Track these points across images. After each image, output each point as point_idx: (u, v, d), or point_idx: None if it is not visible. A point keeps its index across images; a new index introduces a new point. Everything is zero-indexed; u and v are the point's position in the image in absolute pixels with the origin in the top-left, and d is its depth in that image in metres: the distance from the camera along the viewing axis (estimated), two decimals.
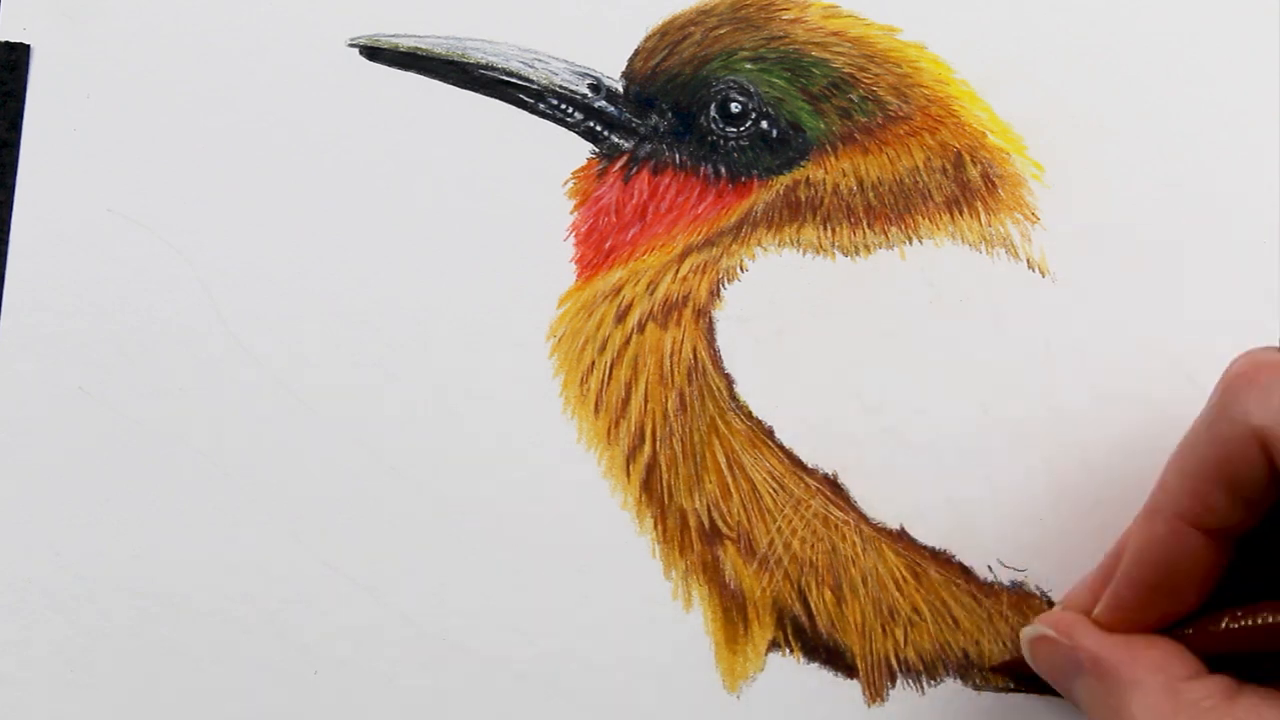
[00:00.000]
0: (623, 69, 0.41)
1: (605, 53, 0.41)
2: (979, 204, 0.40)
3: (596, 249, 0.40)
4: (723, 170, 0.40)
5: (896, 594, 0.38)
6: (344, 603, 0.39)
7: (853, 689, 0.38)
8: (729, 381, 0.39)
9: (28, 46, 0.41)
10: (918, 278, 0.40)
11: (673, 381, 0.39)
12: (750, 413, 0.39)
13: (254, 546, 0.39)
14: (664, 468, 0.39)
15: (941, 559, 0.38)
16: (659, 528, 0.39)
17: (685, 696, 0.38)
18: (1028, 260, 0.40)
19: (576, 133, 0.41)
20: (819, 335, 0.40)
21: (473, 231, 0.40)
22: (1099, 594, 0.35)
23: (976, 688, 0.38)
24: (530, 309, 0.40)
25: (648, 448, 0.39)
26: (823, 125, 0.40)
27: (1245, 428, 0.30)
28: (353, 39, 0.42)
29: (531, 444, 0.39)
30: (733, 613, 0.38)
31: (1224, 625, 0.32)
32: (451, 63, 0.41)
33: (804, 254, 0.40)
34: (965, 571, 0.38)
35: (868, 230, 0.40)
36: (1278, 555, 0.33)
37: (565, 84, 0.41)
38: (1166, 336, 0.39)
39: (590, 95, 0.41)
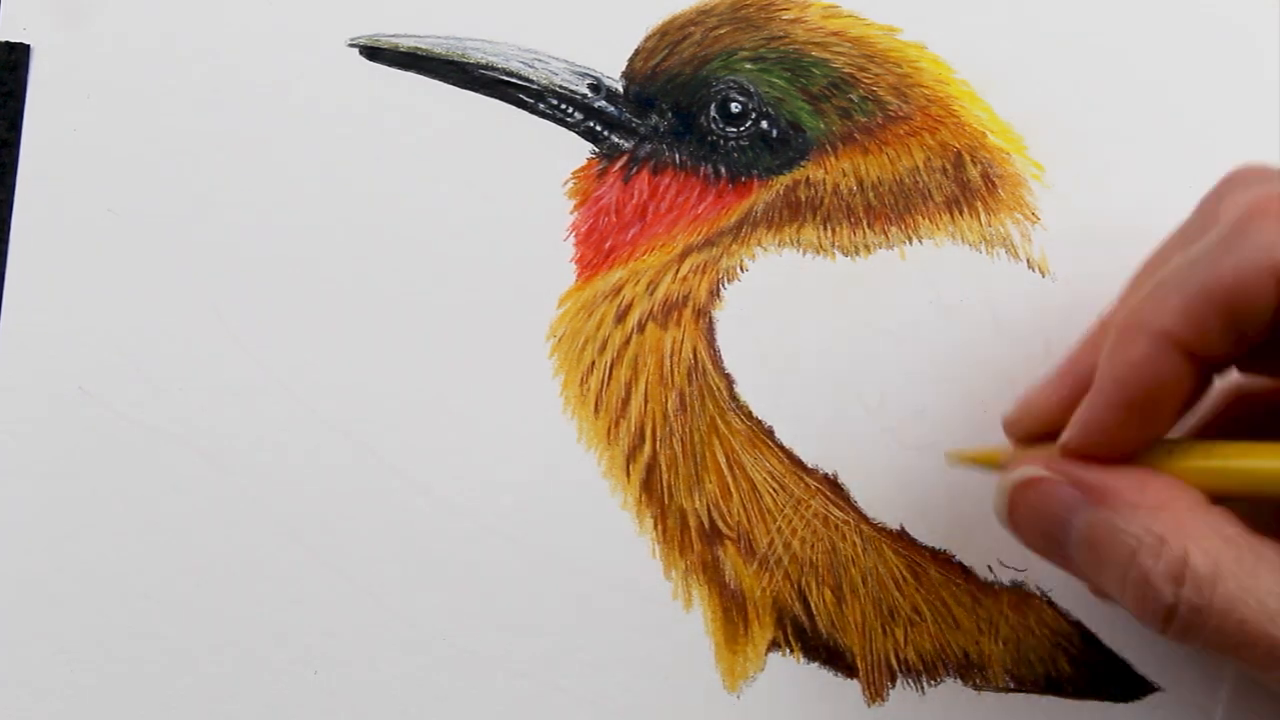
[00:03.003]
0: (623, 69, 0.41)
1: (605, 53, 0.41)
2: (979, 204, 0.40)
3: (596, 249, 0.40)
4: (723, 170, 0.40)
5: (896, 594, 0.38)
6: (344, 603, 0.39)
7: (853, 689, 0.38)
8: (729, 381, 0.39)
9: (28, 46, 0.41)
10: (918, 278, 0.40)
11: (673, 381, 0.39)
12: (750, 413, 0.39)
13: (254, 546, 0.39)
14: (664, 468, 0.39)
15: (941, 559, 0.38)
16: (659, 528, 0.39)
17: (685, 696, 0.38)
18: (1028, 260, 0.40)
19: (576, 133, 0.41)
20: (819, 335, 0.40)
21: (473, 231, 0.40)
22: (1055, 415, 0.32)
23: (976, 688, 0.38)
24: (530, 309, 0.40)
25: (648, 448, 0.39)
26: (823, 125, 0.40)
27: (1265, 261, 0.28)
28: (353, 39, 0.42)
29: (531, 444, 0.39)
30: (733, 613, 0.38)
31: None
32: (451, 63, 0.41)
33: (804, 254, 0.40)
34: (965, 571, 0.38)
35: (868, 230, 0.40)
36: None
37: (565, 84, 0.41)
38: None
39: (590, 95, 0.41)
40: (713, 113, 0.40)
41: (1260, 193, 0.29)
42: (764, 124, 0.40)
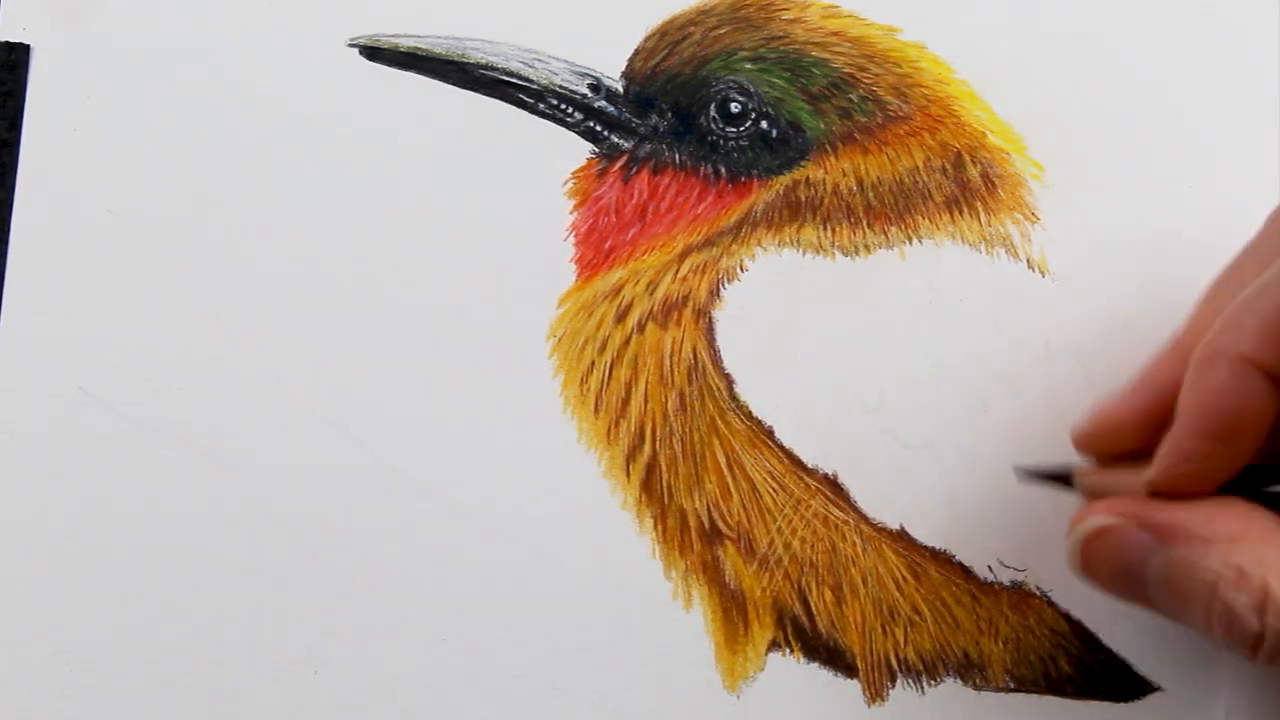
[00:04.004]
0: (623, 69, 0.41)
1: (605, 53, 0.41)
2: (979, 204, 0.40)
3: (596, 249, 0.40)
4: (723, 170, 0.40)
5: (897, 594, 0.38)
6: (344, 602, 0.39)
7: (853, 689, 0.38)
8: (729, 381, 0.39)
9: (28, 46, 0.41)
10: (918, 278, 0.40)
11: (673, 381, 0.39)
12: (750, 413, 0.39)
13: (254, 546, 0.39)
14: (664, 468, 0.39)
15: (941, 559, 0.38)
16: (659, 528, 0.39)
17: (685, 696, 0.38)
18: (1028, 260, 0.40)
19: (576, 133, 0.41)
20: (819, 335, 0.40)
21: (473, 231, 0.40)
22: (1127, 430, 0.32)
23: (976, 688, 0.38)
24: (530, 309, 0.40)
25: (648, 448, 0.39)
26: (823, 125, 0.40)
27: None
28: (353, 39, 0.42)
29: (531, 444, 0.39)
30: (733, 613, 0.38)
31: None
32: (451, 63, 0.41)
33: (804, 254, 0.40)
34: (965, 571, 0.38)
35: (868, 230, 0.40)
36: None
37: (565, 84, 0.41)
38: (1166, 336, 0.39)
39: (590, 95, 0.41)
40: (713, 113, 0.40)
41: None
42: (764, 124, 0.40)
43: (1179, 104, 0.41)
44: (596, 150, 0.41)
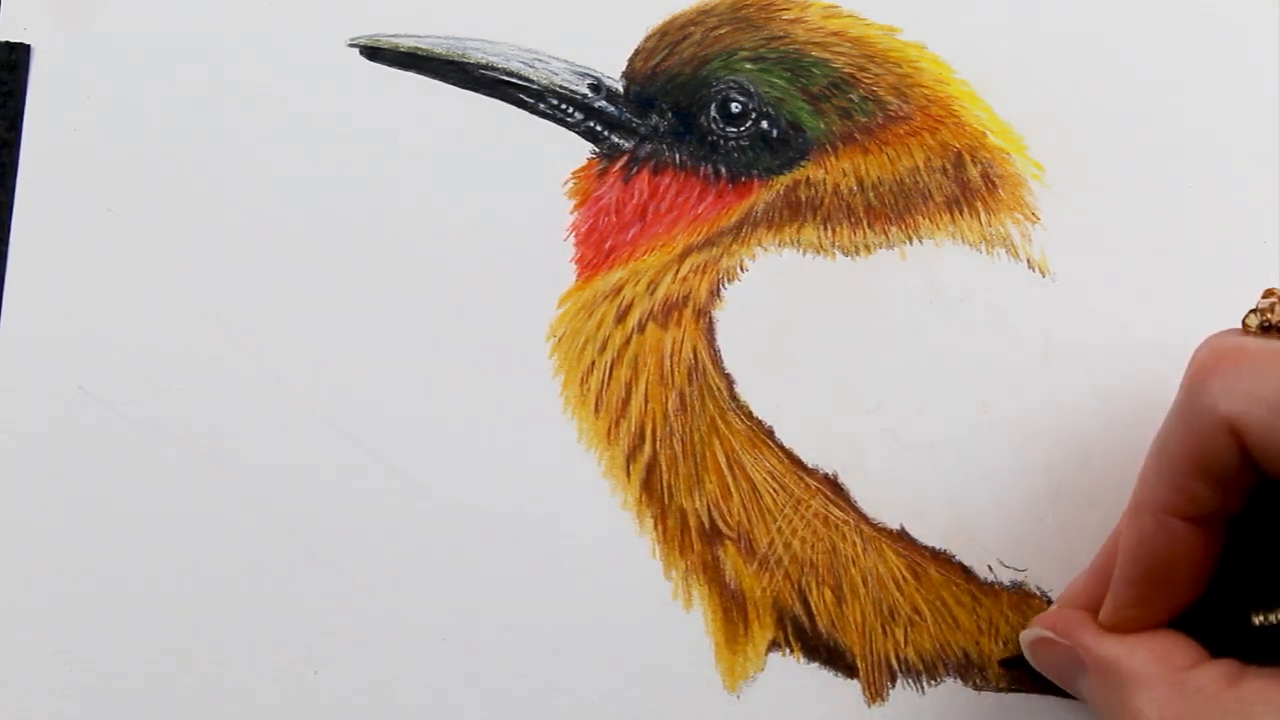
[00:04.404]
0: (623, 69, 0.41)
1: (605, 53, 0.41)
2: (979, 204, 0.40)
3: (596, 249, 0.40)
4: (723, 170, 0.40)
5: (897, 594, 0.38)
6: (344, 602, 0.39)
7: (853, 689, 0.38)
8: (729, 381, 0.39)
9: (28, 46, 0.41)
10: (918, 278, 0.40)
11: (673, 381, 0.39)
12: (750, 413, 0.39)
13: (254, 546, 0.39)
14: (664, 468, 0.39)
15: (941, 559, 0.38)
16: (659, 528, 0.39)
17: (685, 696, 0.38)
18: (1028, 260, 0.40)
19: (576, 133, 0.41)
20: (819, 335, 0.40)
21: (473, 231, 0.40)
22: (1094, 591, 0.35)
23: (976, 688, 0.38)
24: (530, 309, 0.40)
25: (648, 448, 0.39)
26: (823, 125, 0.40)
27: (1214, 416, 0.30)
28: (353, 39, 0.42)
29: (531, 444, 0.39)
30: (733, 613, 0.38)
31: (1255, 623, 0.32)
32: (451, 63, 0.41)
33: (804, 254, 0.40)
34: (965, 571, 0.38)
35: (868, 230, 0.40)
36: (1268, 533, 0.33)
37: (565, 84, 0.41)
38: (1166, 336, 0.39)
39: (590, 95, 0.41)
40: (713, 113, 0.40)
41: (1209, 348, 0.31)
42: (764, 124, 0.40)
43: (1179, 104, 0.41)
44: (597, 150, 0.41)
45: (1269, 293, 0.33)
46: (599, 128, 0.41)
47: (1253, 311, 0.32)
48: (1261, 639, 0.32)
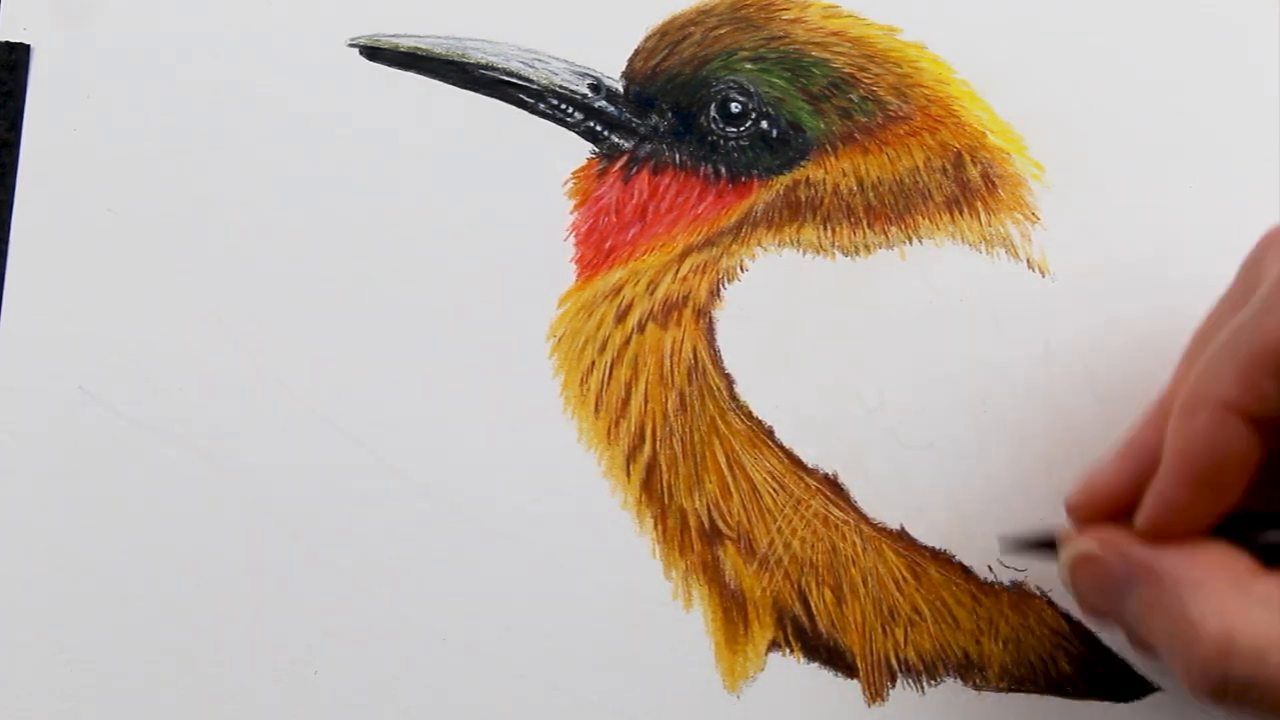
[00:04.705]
0: (623, 69, 0.41)
1: (605, 53, 0.41)
2: (979, 204, 0.40)
3: (596, 249, 0.40)
4: (723, 170, 0.40)
5: (897, 594, 0.38)
6: (344, 603, 0.39)
7: (853, 689, 0.38)
8: (729, 381, 0.39)
9: (28, 46, 0.41)
10: (918, 278, 0.40)
11: (673, 381, 0.39)
12: (750, 413, 0.39)
13: (253, 546, 0.39)
14: (664, 468, 0.39)
15: (941, 559, 0.38)
16: (659, 528, 0.39)
17: (685, 696, 0.38)
18: (1028, 260, 0.40)
19: (576, 133, 0.41)
20: (819, 335, 0.40)
21: (473, 231, 0.40)
22: (1120, 495, 0.33)
23: (976, 688, 0.38)
24: (530, 309, 0.40)
25: (648, 448, 0.39)
26: (823, 125, 0.40)
27: None
28: (353, 39, 0.42)
29: (531, 444, 0.39)
30: (733, 613, 0.38)
31: None
32: (451, 63, 0.41)
33: (804, 254, 0.40)
34: (965, 571, 0.38)
35: (868, 230, 0.40)
36: None
37: (565, 84, 0.41)
38: (1166, 336, 0.39)
39: (590, 95, 0.41)
40: (713, 113, 0.40)
41: (1269, 234, 0.30)
42: (764, 124, 0.40)
43: (1179, 104, 0.41)
44: (597, 150, 0.41)
45: None
46: (599, 128, 0.41)
47: None
48: None
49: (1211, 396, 0.30)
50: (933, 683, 0.38)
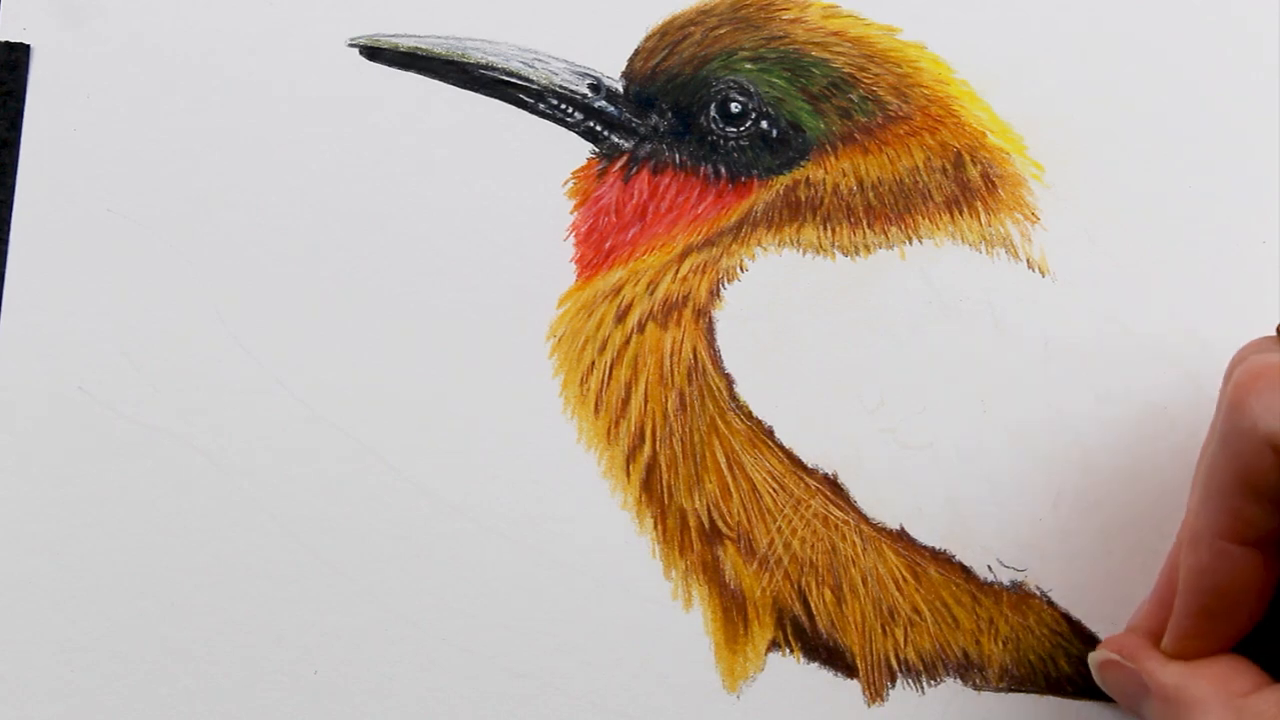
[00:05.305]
0: (623, 69, 0.41)
1: (605, 53, 0.41)
2: (979, 204, 0.40)
3: (596, 249, 0.40)
4: (723, 170, 0.40)
5: (896, 594, 0.38)
6: (344, 603, 0.39)
7: (853, 689, 0.38)
8: (729, 381, 0.39)
9: (28, 46, 0.41)
10: (918, 278, 0.40)
11: (673, 381, 0.39)
12: (750, 413, 0.39)
13: (254, 546, 0.39)
14: (664, 468, 0.39)
15: (941, 559, 0.38)
16: (659, 528, 0.39)
17: (685, 696, 0.38)
18: (1028, 260, 0.40)
19: (576, 133, 0.41)
20: (819, 335, 0.40)
21: (473, 231, 0.40)
22: (1158, 616, 0.35)
23: (976, 688, 0.38)
24: (530, 309, 0.40)
25: (648, 448, 0.39)
26: (823, 125, 0.40)
27: (1256, 437, 0.30)
28: (353, 39, 0.42)
29: (531, 444, 0.39)
30: (733, 613, 0.38)
31: None
32: (451, 63, 0.41)
33: (804, 254, 0.40)
34: (965, 571, 0.38)
35: (868, 230, 0.40)
36: None
37: (565, 84, 0.41)
38: (1166, 336, 0.39)
39: (590, 95, 0.41)
40: (713, 113, 0.40)
41: (1245, 368, 0.31)
42: (764, 124, 0.40)
43: (1179, 104, 0.41)
44: (596, 150, 0.41)
45: None
46: (599, 128, 0.41)
47: None
48: None
49: (1205, 531, 0.32)
50: (932, 683, 0.38)
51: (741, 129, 0.40)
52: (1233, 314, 0.39)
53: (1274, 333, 0.32)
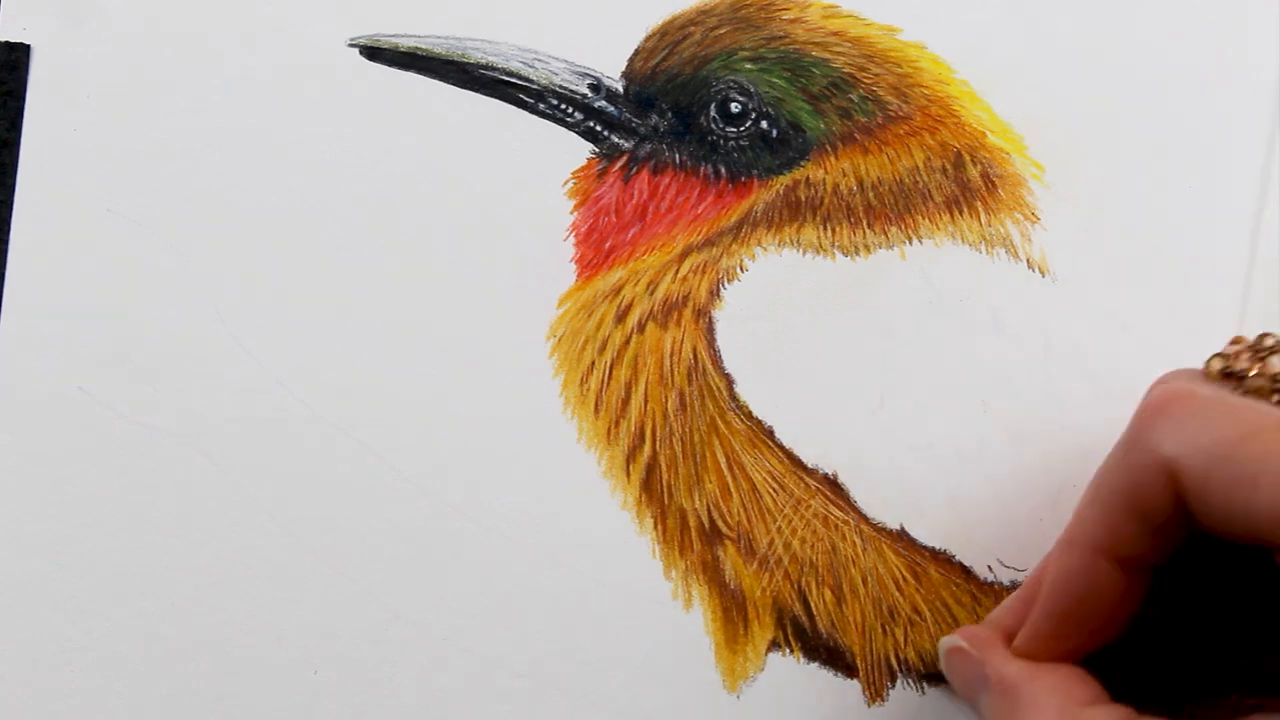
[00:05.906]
0: (623, 69, 0.41)
1: (605, 53, 0.41)
2: (979, 204, 0.40)
3: (596, 249, 0.40)
4: (723, 170, 0.40)
5: (896, 594, 0.38)
6: (344, 603, 0.39)
7: (853, 689, 0.38)
8: (729, 381, 0.39)
9: (28, 46, 0.41)
10: (918, 278, 0.40)
11: (673, 381, 0.39)
12: (750, 413, 0.39)
13: (254, 546, 0.39)
14: (664, 468, 0.39)
15: (941, 559, 0.38)
16: (659, 528, 0.39)
17: (685, 696, 0.38)
18: (1028, 260, 0.40)
19: (576, 133, 0.41)
20: (819, 335, 0.40)
21: (473, 231, 0.40)
22: (1019, 614, 0.35)
23: None
24: (530, 309, 0.40)
25: (648, 448, 0.39)
26: (823, 125, 0.40)
27: (1155, 458, 0.30)
28: (353, 39, 0.42)
29: (531, 444, 0.39)
30: (733, 613, 0.38)
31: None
32: (451, 63, 0.41)
33: (804, 254, 0.40)
34: (965, 571, 0.38)
35: (868, 230, 0.40)
36: (1194, 586, 0.33)
37: (565, 84, 0.41)
38: (1166, 336, 0.39)
39: (590, 95, 0.41)
40: (713, 113, 0.40)
41: (1163, 390, 0.31)
42: (764, 124, 0.40)
43: (1178, 104, 0.41)
44: (596, 150, 0.41)
45: (1236, 340, 0.32)
46: (599, 128, 0.41)
47: (1217, 355, 0.32)
48: (1159, 690, 0.32)
49: (1083, 537, 0.32)
50: (933, 683, 0.38)
51: (741, 129, 0.40)
52: (1233, 314, 0.39)
53: (1201, 366, 0.32)
